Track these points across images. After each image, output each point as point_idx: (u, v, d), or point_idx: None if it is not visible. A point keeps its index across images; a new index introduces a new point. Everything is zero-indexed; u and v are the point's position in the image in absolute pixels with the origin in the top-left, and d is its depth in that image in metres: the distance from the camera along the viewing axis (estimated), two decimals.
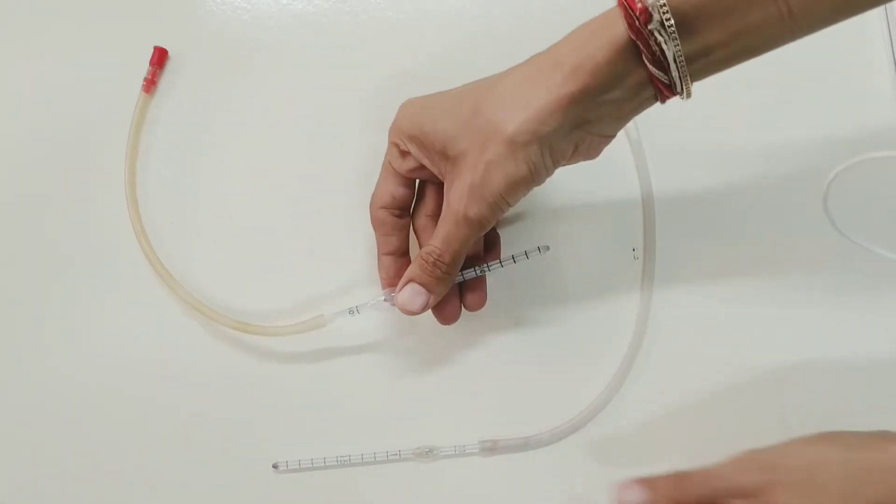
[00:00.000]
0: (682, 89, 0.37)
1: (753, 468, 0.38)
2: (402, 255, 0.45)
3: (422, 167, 0.42)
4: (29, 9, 0.52)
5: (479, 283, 0.46)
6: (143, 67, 0.50)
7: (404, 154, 0.43)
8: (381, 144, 0.44)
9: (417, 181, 0.45)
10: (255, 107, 0.51)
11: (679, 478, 0.39)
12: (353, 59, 0.52)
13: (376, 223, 0.45)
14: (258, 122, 0.51)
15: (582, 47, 0.37)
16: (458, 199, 0.39)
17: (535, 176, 0.39)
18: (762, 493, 0.37)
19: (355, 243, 0.49)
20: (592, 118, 0.38)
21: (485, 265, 0.45)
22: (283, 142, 0.51)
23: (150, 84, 0.50)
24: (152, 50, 0.50)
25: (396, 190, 0.44)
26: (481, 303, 0.46)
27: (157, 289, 0.49)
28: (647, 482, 0.40)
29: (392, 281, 0.44)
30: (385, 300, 0.44)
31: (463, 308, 0.46)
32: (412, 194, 0.45)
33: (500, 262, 0.45)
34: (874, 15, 0.51)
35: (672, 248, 0.49)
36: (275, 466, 0.47)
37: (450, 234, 0.40)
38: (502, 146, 0.38)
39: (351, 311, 0.45)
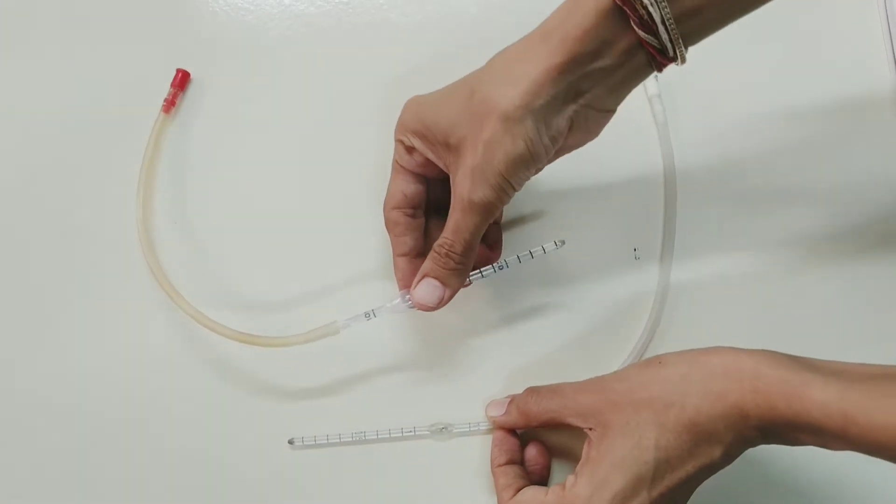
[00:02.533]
0: (675, 54, 0.36)
1: (590, 390, 0.42)
2: (417, 255, 0.45)
3: (428, 161, 0.42)
4: (55, 26, 0.52)
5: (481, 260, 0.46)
6: (165, 87, 0.50)
7: (410, 150, 0.42)
8: (389, 146, 0.43)
9: None
10: (261, 117, 0.51)
11: (531, 391, 0.45)
12: (356, 62, 0.51)
13: (390, 224, 0.44)
14: (264, 132, 0.51)
15: (568, 16, 0.36)
16: (462, 184, 0.39)
17: (533, 154, 0.38)
18: (596, 412, 0.40)
19: (366, 247, 0.49)
20: (585, 88, 0.37)
21: (503, 261, 0.45)
22: (291, 151, 0.51)
23: (170, 105, 0.50)
24: (174, 71, 0.51)
25: (407, 188, 0.43)
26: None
27: (169, 308, 0.48)
28: (510, 398, 0.46)
29: (408, 282, 0.44)
30: (401, 301, 0.44)
31: None
32: (424, 192, 0.44)
33: (518, 257, 0.45)
34: None
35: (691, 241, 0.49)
36: (290, 442, 0.48)
37: (458, 223, 0.40)
38: (498, 123, 0.37)
39: (367, 315, 0.44)
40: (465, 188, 0.39)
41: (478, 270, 0.44)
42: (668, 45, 0.36)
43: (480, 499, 0.47)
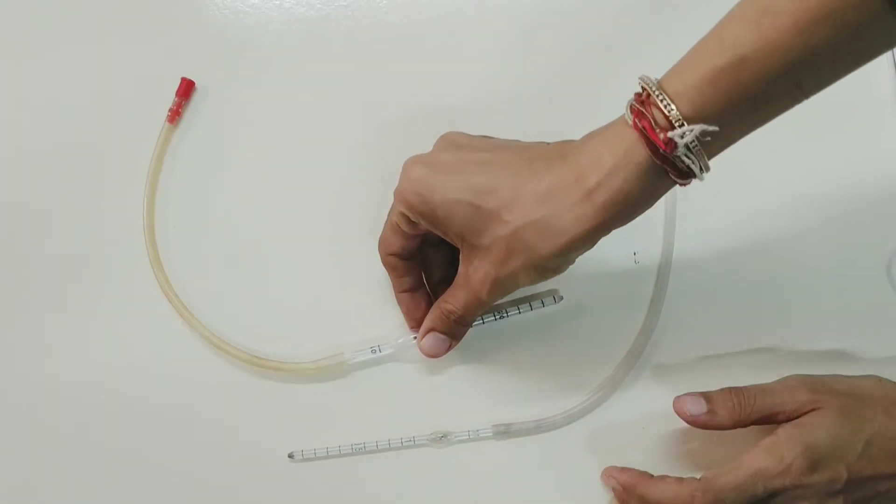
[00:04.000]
0: (701, 177, 0.37)
1: (803, 387, 0.42)
2: (417, 289, 0.46)
3: (430, 231, 0.42)
4: (62, 35, 0.52)
5: None
6: (170, 97, 0.50)
7: (413, 224, 0.42)
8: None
9: None
10: (270, 138, 0.51)
11: (736, 391, 0.43)
12: (358, 65, 0.51)
13: (388, 267, 0.45)
14: (274, 153, 0.51)
15: (610, 177, 0.37)
16: (481, 283, 0.41)
17: (557, 274, 0.41)
18: (812, 402, 0.41)
19: (375, 273, 0.48)
20: (619, 227, 0.39)
21: (504, 311, 0.47)
22: (300, 172, 0.50)
23: (175, 114, 0.50)
24: (176, 76, 0.50)
25: (405, 243, 0.44)
26: None
27: (174, 321, 0.48)
28: (705, 394, 0.43)
29: (412, 315, 0.46)
30: (407, 340, 0.46)
31: None
32: (420, 241, 0.45)
33: (519, 308, 0.47)
34: None
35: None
36: (290, 456, 0.48)
37: (470, 303, 0.42)
38: (530, 264, 0.39)
39: (373, 350, 0.46)
40: (484, 289, 0.41)
41: (480, 318, 0.46)
42: (701, 178, 0.37)
43: None
